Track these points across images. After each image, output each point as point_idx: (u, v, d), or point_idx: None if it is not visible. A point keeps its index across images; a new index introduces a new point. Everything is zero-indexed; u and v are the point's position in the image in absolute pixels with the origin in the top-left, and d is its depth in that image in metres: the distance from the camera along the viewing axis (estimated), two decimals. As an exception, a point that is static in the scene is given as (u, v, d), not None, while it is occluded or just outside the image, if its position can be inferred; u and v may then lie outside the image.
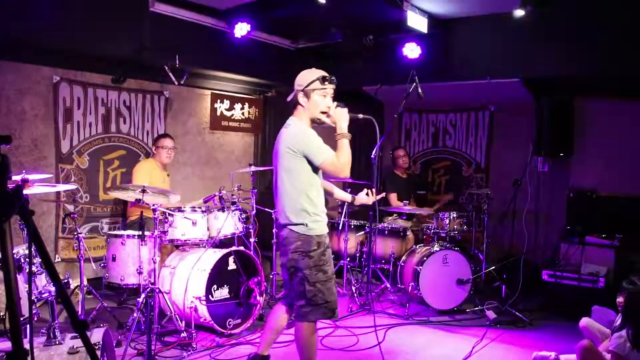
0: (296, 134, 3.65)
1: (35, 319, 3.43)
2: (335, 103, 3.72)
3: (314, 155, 3.57)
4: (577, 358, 4.08)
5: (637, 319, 3.73)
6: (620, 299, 4.27)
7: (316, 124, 3.77)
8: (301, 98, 3.68)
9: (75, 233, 4.80)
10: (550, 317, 5.87)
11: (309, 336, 3.68)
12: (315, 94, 3.66)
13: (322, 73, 3.69)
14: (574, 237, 6.31)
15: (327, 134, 3.76)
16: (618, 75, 6.15)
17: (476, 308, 5.92)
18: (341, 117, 3.66)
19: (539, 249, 7.18)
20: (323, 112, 3.69)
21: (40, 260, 3.91)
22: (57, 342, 2.90)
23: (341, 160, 3.56)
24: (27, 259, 3.43)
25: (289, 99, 3.78)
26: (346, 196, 4.46)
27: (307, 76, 3.69)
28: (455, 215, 6.31)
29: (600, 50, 5.93)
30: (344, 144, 3.61)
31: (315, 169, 3.64)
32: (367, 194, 4.29)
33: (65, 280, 3.43)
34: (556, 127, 6.71)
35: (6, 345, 2.81)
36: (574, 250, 6.24)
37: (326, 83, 3.65)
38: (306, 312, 3.63)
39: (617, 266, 5.92)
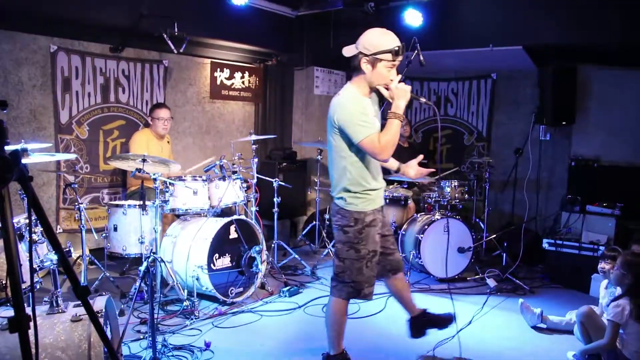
0: (341, 105, 3.34)
1: (37, 287, 3.44)
2: (400, 76, 3.35)
3: (352, 133, 3.26)
4: (578, 324, 4.13)
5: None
6: (602, 265, 4.29)
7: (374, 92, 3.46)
8: (364, 64, 3.30)
9: (76, 203, 4.79)
10: (550, 285, 5.91)
11: (335, 313, 3.60)
12: (382, 65, 3.28)
13: (396, 43, 3.28)
14: (575, 206, 6.31)
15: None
16: (621, 43, 6.09)
17: (477, 276, 5.95)
18: (401, 95, 3.28)
19: (540, 217, 7.19)
20: (384, 85, 3.34)
21: (41, 229, 3.91)
22: (60, 311, 2.90)
23: (382, 140, 3.23)
24: (27, 227, 3.43)
25: (348, 54, 3.41)
26: (393, 164, 3.89)
27: (378, 42, 3.28)
28: (456, 184, 6.29)
29: (604, 19, 5.86)
30: (393, 124, 3.26)
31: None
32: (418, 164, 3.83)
33: (67, 249, 3.43)
34: (558, 95, 6.67)
35: (9, 312, 2.82)
36: (575, 219, 6.25)
37: (398, 57, 3.27)
38: (333, 286, 3.59)
39: (617, 235, 5.93)
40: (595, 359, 3.96)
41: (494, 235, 6.49)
